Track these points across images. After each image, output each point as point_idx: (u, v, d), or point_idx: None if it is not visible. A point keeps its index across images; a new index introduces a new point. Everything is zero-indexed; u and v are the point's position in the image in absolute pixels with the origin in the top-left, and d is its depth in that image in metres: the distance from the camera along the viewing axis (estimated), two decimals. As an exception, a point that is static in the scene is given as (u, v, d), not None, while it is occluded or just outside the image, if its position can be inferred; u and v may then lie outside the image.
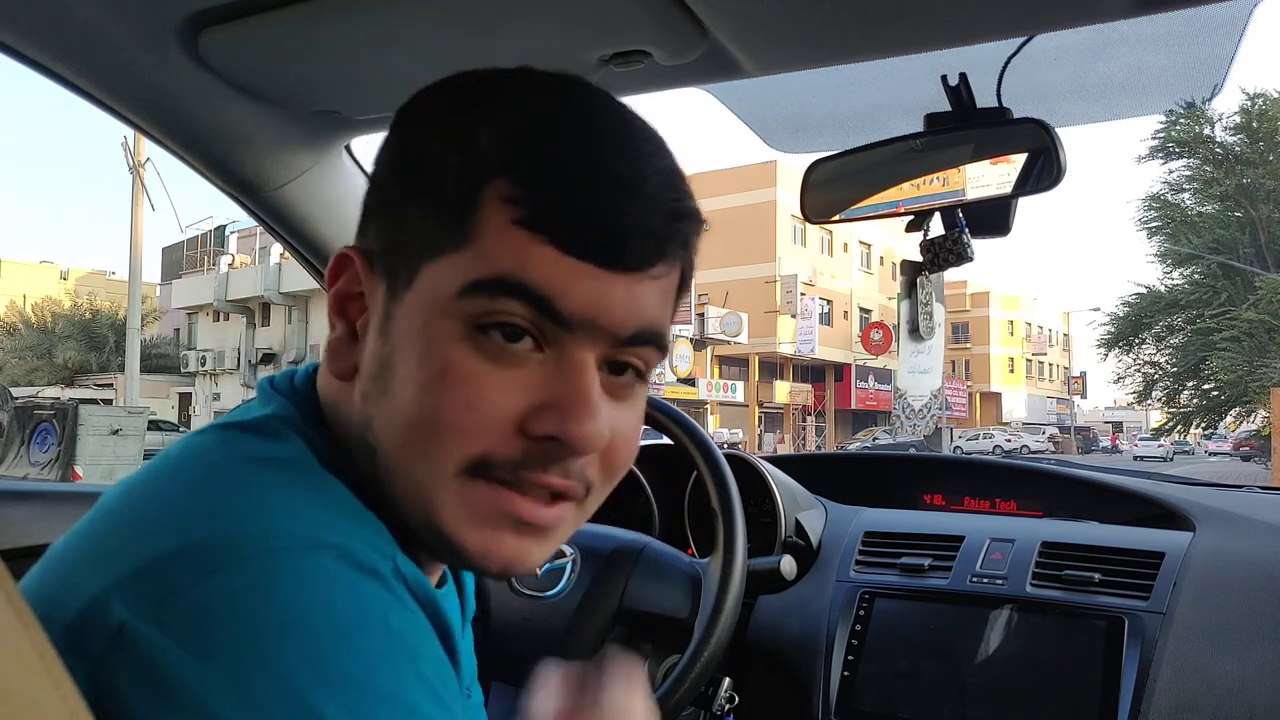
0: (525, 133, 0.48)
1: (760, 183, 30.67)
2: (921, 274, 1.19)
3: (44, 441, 11.05)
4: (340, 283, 0.52)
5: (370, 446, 0.49)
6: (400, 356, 0.48)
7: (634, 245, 0.47)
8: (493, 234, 0.46)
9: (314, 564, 0.41)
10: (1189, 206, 24.58)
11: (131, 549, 0.42)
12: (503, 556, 0.49)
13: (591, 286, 0.46)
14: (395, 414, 0.48)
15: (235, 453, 0.48)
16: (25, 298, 33.40)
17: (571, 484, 0.49)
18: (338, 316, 0.52)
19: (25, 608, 0.34)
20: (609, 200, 0.47)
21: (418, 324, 0.47)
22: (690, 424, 1.14)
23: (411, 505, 0.49)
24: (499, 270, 0.46)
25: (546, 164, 0.47)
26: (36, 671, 0.32)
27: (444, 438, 0.46)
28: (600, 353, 0.48)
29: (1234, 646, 1.06)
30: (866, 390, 34.94)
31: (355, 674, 0.39)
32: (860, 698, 1.21)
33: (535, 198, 0.46)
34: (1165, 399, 25.62)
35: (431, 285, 0.47)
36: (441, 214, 0.47)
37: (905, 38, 0.84)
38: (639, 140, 0.50)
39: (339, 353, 0.52)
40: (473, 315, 0.46)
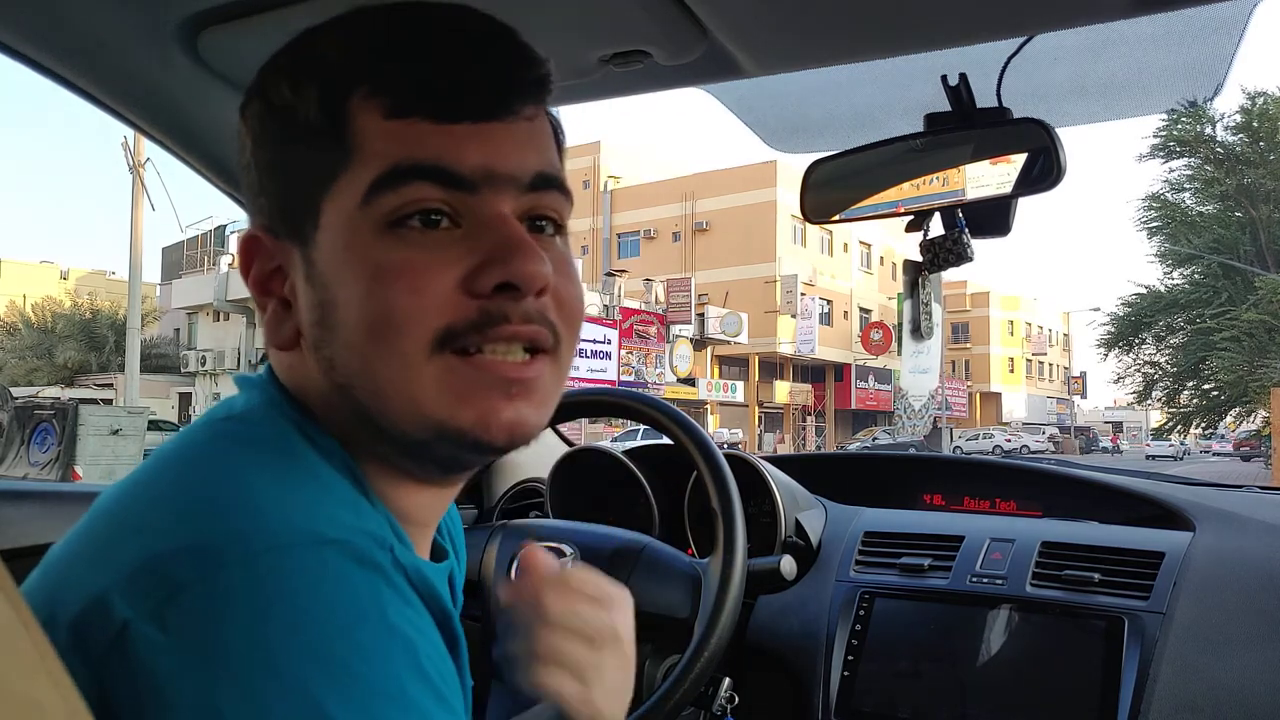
0: (363, 37, 0.50)
1: (760, 183, 30.67)
2: (922, 274, 1.19)
3: (44, 441, 11.05)
4: (256, 265, 0.53)
5: (340, 385, 0.50)
6: (335, 286, 0.49)
7: (496, 92, 0.50)
8: (371, 135, 0.48)
9: (315, 560, 0.41)
10: (1189, 206, 24.58)
11: (132, 548, 0.42)
12: (503, 423, 0.49)
13: (476, 143, 0.49)
14: (350, 336, 0.48)
15: (227, 446, 0.48)
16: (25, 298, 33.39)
17: (537, 329, 0.50)
18: (263, 295, 0.53)
19: (25, 608, 0.34)
20: (461, 62, 0.49)
21: (339, 249, 0.48)
22: (690, 424, 1.14)
23: (401, 409, 0.48)
24: (391, 162, 0.48)
25: (394, 54, 0.49)
26: (36, 671, 0.32)
27: (401, 327, 0.47)
28: (512, 205, 0.50)
29: (1234, 646, 1.06)
30: (866, 390, 34.93)
31: (357, 670, 0.39)
32: (860, 697, 1.21)
33: (395, 86, 0.48)
34: (1165, 399, 25.62)
35: (337, 210, 0.49)
36: (319, 144, 0.49)
37: (905, 38, 0.84)
38: (461, 12, 0.52)
39: (276, 325, 0.52)
40: (384, 215, 0.48)
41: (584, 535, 1.16)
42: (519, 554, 1.18)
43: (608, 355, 24.21)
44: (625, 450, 1.53)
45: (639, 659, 1.20)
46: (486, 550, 1.19)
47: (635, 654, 0.65)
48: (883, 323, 31.71)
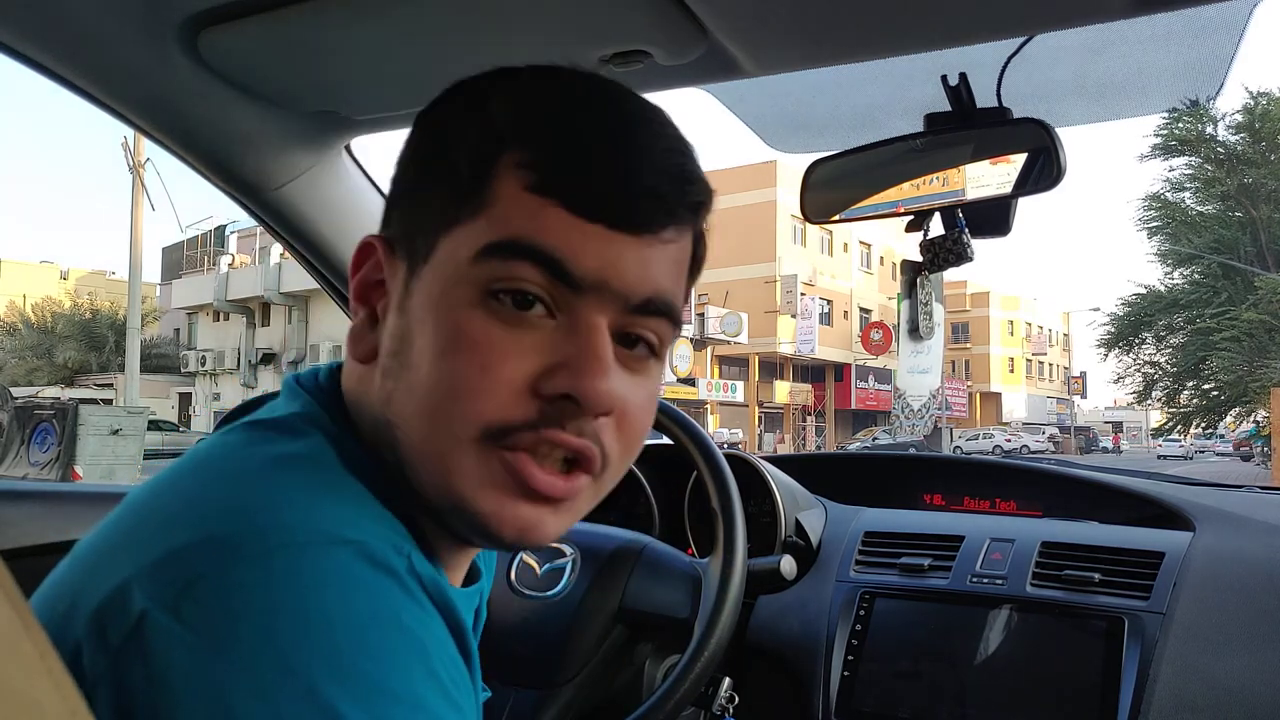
0: (536, 105, 0.50)
1: (760, 183, 30.66)
2: (921, 274, 1.19)
3: (44, 441, 11.05)
4: (363, 270, 0.53)
5: (389, 421, 0.50)
6: (417, 328, 0.49)
7: (643, 206, 0.48)
8: (506, 201, 0.48)
9: (332, 560, 0.41)
10: (1190, 206, 24.58)
11: (154, 540, 0.42)
12: (518, 523, 0.49)
13: (602, 248, 0.47)
14: (413, 384, 0.48)
15: (259, 451, 0.49)
16: (25, 298, 33.40)
17: (587, 444, 0.49)
18: (360, 303, 0.53)
19: (26, 608, 0.34)
20: (617, 162, 0.48)
21: (434, 294, 0.48)
22: (690, 424, 1.14)
23: (430, 473, 0.49)
24: (511, 233, 0.47)
25: (556, 131, 0.49)
26: (37, 671, 0.32)
27: (460, 402, 0.47)
28: (612, 318, 0.49)
29: (1234, 646, 1.06)
30: (866, 390, 34.93)
31: (369, 671, 0.39)
32: (860, 698, 1.21)
33: (546, 163, 0.48)
34: (1165, 399, 25.61)
35: (448, 255, 0.48)
36: (458, 188, 0.49)
37: (905, 38, 0.84)
38: (646, 111, 0.51)
39: (360, 337, 0.53)
40: (486, 280, 0.47)
41: (584, 535, 1.16)
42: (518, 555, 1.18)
43: (608, 355, 24.14)
44: (625, 450, 1.53)
45: (639, 659, 1.21)
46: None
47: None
48: (883, 323, 31.70)
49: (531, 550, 0.52)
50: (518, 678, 1.09)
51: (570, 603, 1.10)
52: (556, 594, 1.11)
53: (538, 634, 1.10)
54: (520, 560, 1.15)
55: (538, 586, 1.13)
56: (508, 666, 1.10)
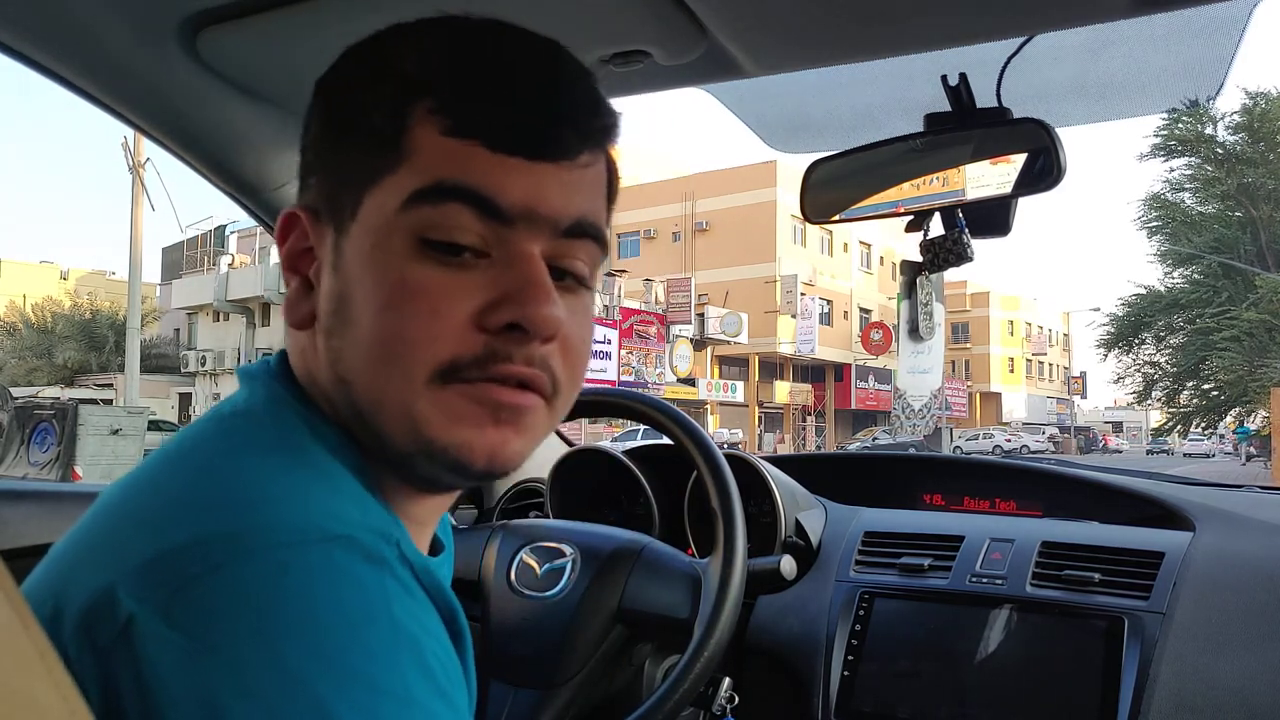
0: (440, 52, 0.51)
1: (760, 183, 30.66)
2: (921, 274, 1.19)
3: (44, 441, 11.04)
4: (290, 241, 0.54)
5: (343, 379, 0.50)
6: (355, 285, 0.49)
7: (559, 134, 0.50)
8: (426, 148, 0.49)
9: (321, 557, 0.41)
10: (1189, 206, 24.59)
11: (139, 542, 0.42)
12: (486, 448, 0.50)
13: (526, 179, 0.49)
14: (360, 338, 0.49)
15: (234, 442, 0.49)
16: (25, 298, 33.38)
17: (536, 373, 0.50)
18: (290, 272, 0.54)
19: (25, 608, 0.34)
20: (528, 95, 0.50)
21: (367, 249, 0.49)
22: (690, 424, 1.14)
23: (393, 420, 0.49)
24: (436, 177, 0.48)
25: (464, 74, 0.50)
26: (36, 671, 0.32)
27: (412, 348, 0.48)
28: (543, 247, 0.51)
29: (1234, 647, 1.06)
30: (866, 390, 34.93)
31: (362, 669, 0.39)
32: (860, 698, 1.21)
33: (459, 106, 0.49)
34: (1165, 399, 25.63)
35: (375, 209, 0.49)
36: (377, 144, 0.50)
37: (905, 38, 0.84)
38: (544, 44, 0.53)
39: (295, 304, 0.53)
40: (418, 228, 0.48)
41: (584, 535, 1.16)
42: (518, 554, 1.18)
43: (608, 355, 24.20)
44: (625, 450, 1.53)
45: (639, 659, 1.21)
46: (486, 550, 1.19)
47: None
48: (883, 323, 31.70)
49: (500, 477, 0.52)
50: (517, 678, 1.09)
51: (570, 603, 1.10)
52: (556, 594, 1.11)
53: (537, 634, 1.10)
54: (520, 560, 1.15)
55: (537, 586, 1.13)
56: (507, 666, 1.10)
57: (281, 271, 0.55)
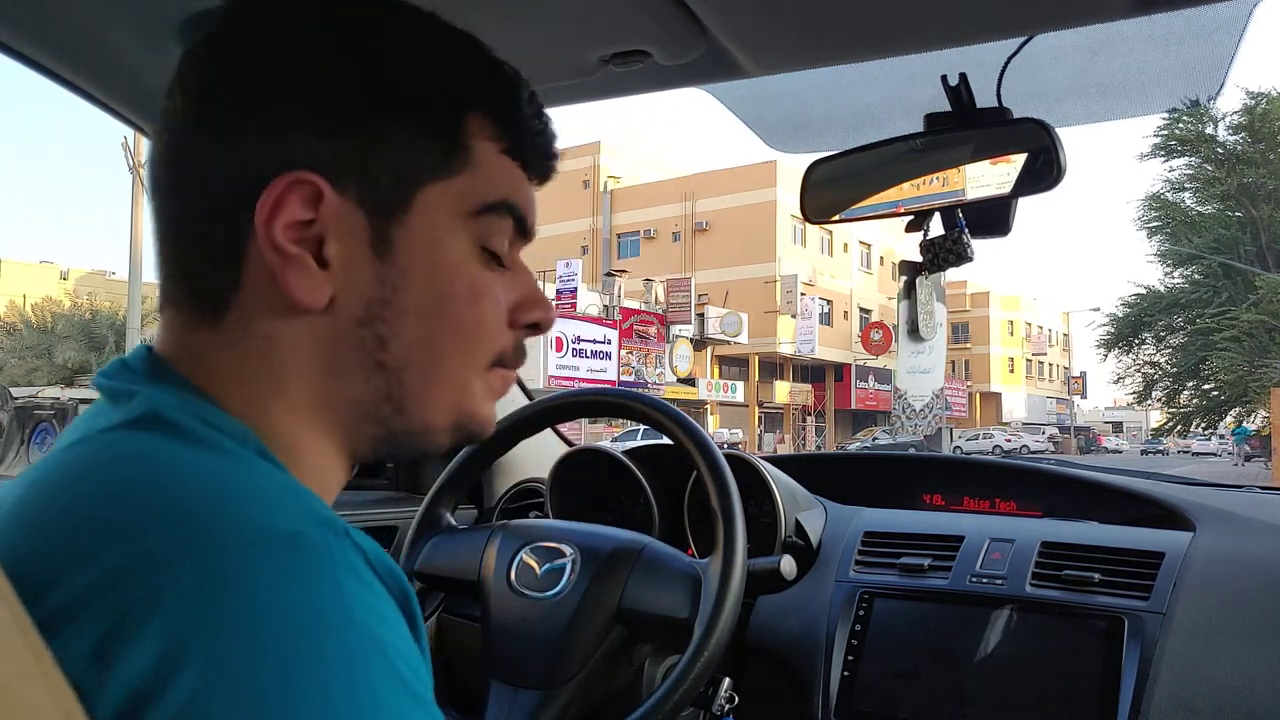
0: (487, 66, 0.55)
1: (760, 183, 30.67)
2: (921, 274, 1.19)
3: (44, 441, 11.04)
4: (288, 210, 0.48)
5: (385, 365, 0.51)
6: (418, 275, 0.51)
7: (553, 164, 0.58)
8: (489, 162, 0.53)
9: (270, 560, 0.39)
10: (1190, 206, 24.59)
11: (55, 595, 0.38)
12: (490, 420, 0.58)
13: (534, 202, 0.57)
14: (436, 329, 0.52)
15: (136, 454, 0.44)
16: (25, 298, 33.37)
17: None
18: (292, 246, 0.48)
19: (22, 611, 0.34)
20: (547, 130, 0.57)
21: (429, 243, 0.51)
22: (690, 424, 1.14)
23: (444, 400, 0.54)
24: (502, 195, 0.53)
25: (513, 98, 0.55)
26: (32, 674, 0.32)
27: (483, 340, 0.54)
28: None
29: (1234, 647, 1.06)
30: (866, 390, 34.93)
31: (328, 679, 0.37)
32: (860, 698, 1.21)
33: (513, 130, 0.54)
34: (1165, 399, 25.63)
35: (437, 207, 0.51)
36: (431, 139, 0.51)
37: (905, 38, 0.84)
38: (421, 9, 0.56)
39: (311, 284, 0.48)
40: (479, 235, 0.53)
41: (584, 535, 1.16)
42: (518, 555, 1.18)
43: (608, 355, 24.21)
44: (625, 450, 1.53)
45: (639, 659, 1.21)
46: (486, 550, 1.19)
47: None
48: (883, 323, 31.71)
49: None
50: (518, 678, 1.09)
51: (570, 603, 1.10)
52: (556, 594, 1.11)
53: (537, 634, 1.10)
54: (520, 560, 1.15)
55: (537, 586, 1.12)
56: (508, 666, 1.10)
57: (270, 243, 0.48)
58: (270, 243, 0.48)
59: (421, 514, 1.24)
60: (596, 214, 33.52)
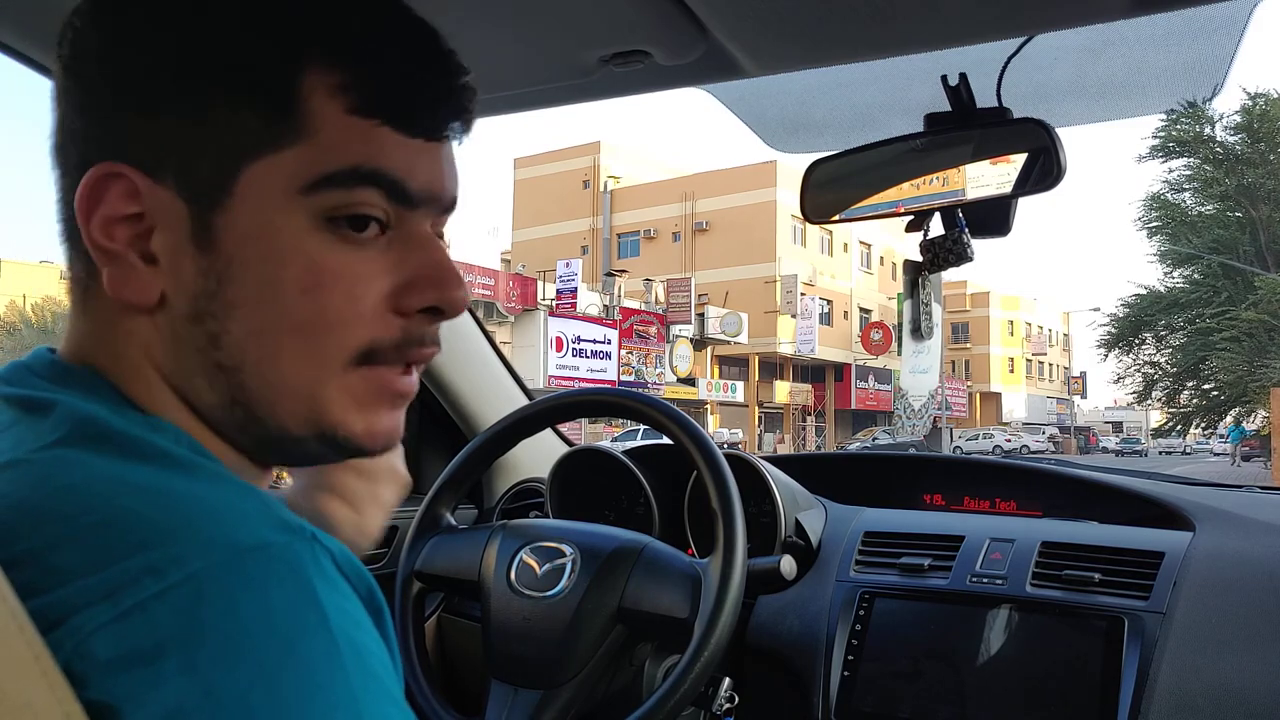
0: (331, 16, 0.46)
1: (760, 183, 30.68)
2: (922, 274, 1.19)
3: (44, 441, 11.04)
4: (107, 204, 0.45)
5: (221, 365, 0.46)
6: (249, 265, 0.45)
7: (447, 115, 0.49)
8: (330, 126, 0.45)
9: (239, 575, 0.38)
10: (1189, 206, 24.59)
11: (28, 602, 0.36)
12: (385, 433, 0.50)
13: (428, 162, 0.48)
14: (264, 323, 0.45)
15: (79, 475, 0.41)
16: (25, 298, 33.37)
17: (433, 350, 0.50)
18: (113, 243, 0.45)
19: (22, 612, 0.34)
20: (428, 79, 0.48)
21: (257, 227, 0.45)
22: (690, 424, 1.14)
23: (291, 406, 0.47)
24: (351, 161, 0.45)
25: (364, 47, 0.46)
26: (32, 674, 0.32)
27: (331, 333, 0.46)
28: (430, 224, 0.50)
29: (1234, 647, 1.06)
30: (866, 390, 34.94)
31: (309, 689, 0.37)
32: (860, 698, 1.21)
33: (365, 85, 0.46)
34: (1165, 399, 25.62)
35: (265, 185, 0.45)
36: (258, 109, 0.44)
37: (905, 38, 0.84)
38: (420, 16, 0.49)
39: (139, 283, 0.45)
40: (323, 209, 0.45)
41: (584, 535, 1.16)
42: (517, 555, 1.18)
43: (608, 355, 24.22)
44: (625, 450, 1.53)
45: (639, 659, 1.21)
46: (486, 550, 1.19)
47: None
48: (883, 323, 31.72)
49: (388, 451, 0.52)
50: (518, 678, 1.09)
51: (570, 603, 1.10)
52: (556, 594, 1.11)
53: (537, 634, 1.10)
54: (520, 560, 1.15)
55: (537, 586, 1.12)
56: (508, 666, 1.10)
57: (92, 243, 0.45)
58: (89, 238, 0.45)
59: (421, 514, 1.24)
60: (596, 214, 33.52)
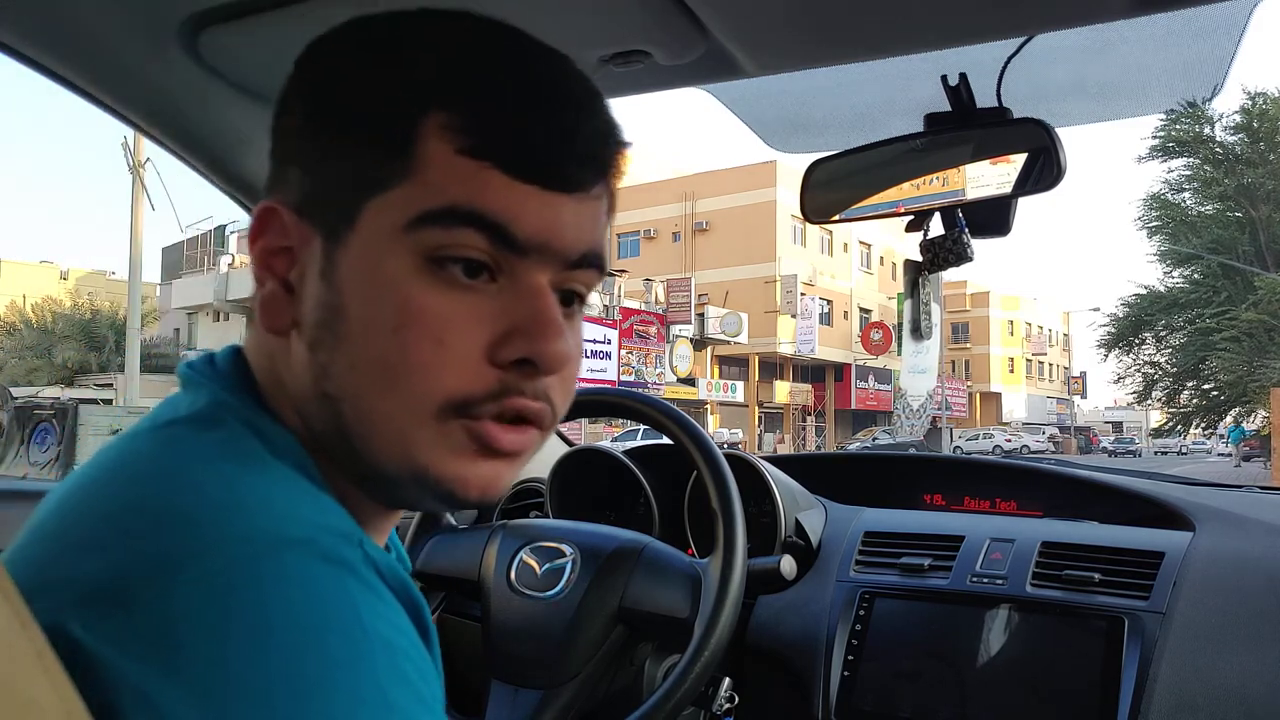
0: (459, 61, 0.48)
1: (760, 183, 30.67)
2: (922, 274, 1.19)
3: (44, 441, 11.03)
4: (265, 238, 0.50)
5: (328, 395, 0.48)
6: (354, 299, 0.46)
7: (576, 166, 0.48)
8: (437, 164, 0.46)
9: (277, 565, 0.39)
10: (1189, 206, 24.59)
11: (83, 567, 0.40)
12: (480, 483, 0.48)
13: (541, 209, 0.47)
14: (359, 358, 0.46)
15: (179, 452, 0.45)
16: (25, 298, 33.35)
17: (543, 407, 0.49)
18: (265, 271, 0.50)
19: (24, 608, 0.34)
20: (551, 124, 0.47)
21: (368, 263, 0.46)
22: (690, 424, 1.14)
23: (387, 445, 0.47)
24: (450, 200, 0.46)
25: (485, 91, 0.47)
26: (34, 671, 0.32)
27: (417, 377, 0.46)
28: (551, 276, 0.49)
29: (1234, 647, 1.06)
30: (866, 390, 34.93)
31: (336, 680, 0.37)
32: (860, 697, 1.21)
33: (478, 126, 0.46)
34: (1165, 399, 25.63)
35: (376, 222, 0.46)
36: (378, 150, 0.47)
37: (905, 38, 0.84)
38: (563, 64, 0.50)
39: (273, 308, 0.49)
40: (426, 248, 0.46)
41: (584, 535, 1.16)
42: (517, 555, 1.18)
43: (608, 355, 24.20)
44: (625, 450, 1.53)
45: (639, 659, 1.21)
46: (486, 550, 1.19)
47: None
48: (883, 323, 31.71)
49: (488, 504, 0.51)
50: (518, 677, 1.09)
51: (570, 603, 1.10)
52: (556, 594, 1.11)
53: (538, 634, 1.10)
54: (520, 560, 1.16)
55: (538, 586, 1.13)
56: (508, 666, 1.10)
57: (253, 270, 0.50)
58: (252, 265, 0.50)
59: (421, 514, 1.24)
60: (596, 214, 33.42)
